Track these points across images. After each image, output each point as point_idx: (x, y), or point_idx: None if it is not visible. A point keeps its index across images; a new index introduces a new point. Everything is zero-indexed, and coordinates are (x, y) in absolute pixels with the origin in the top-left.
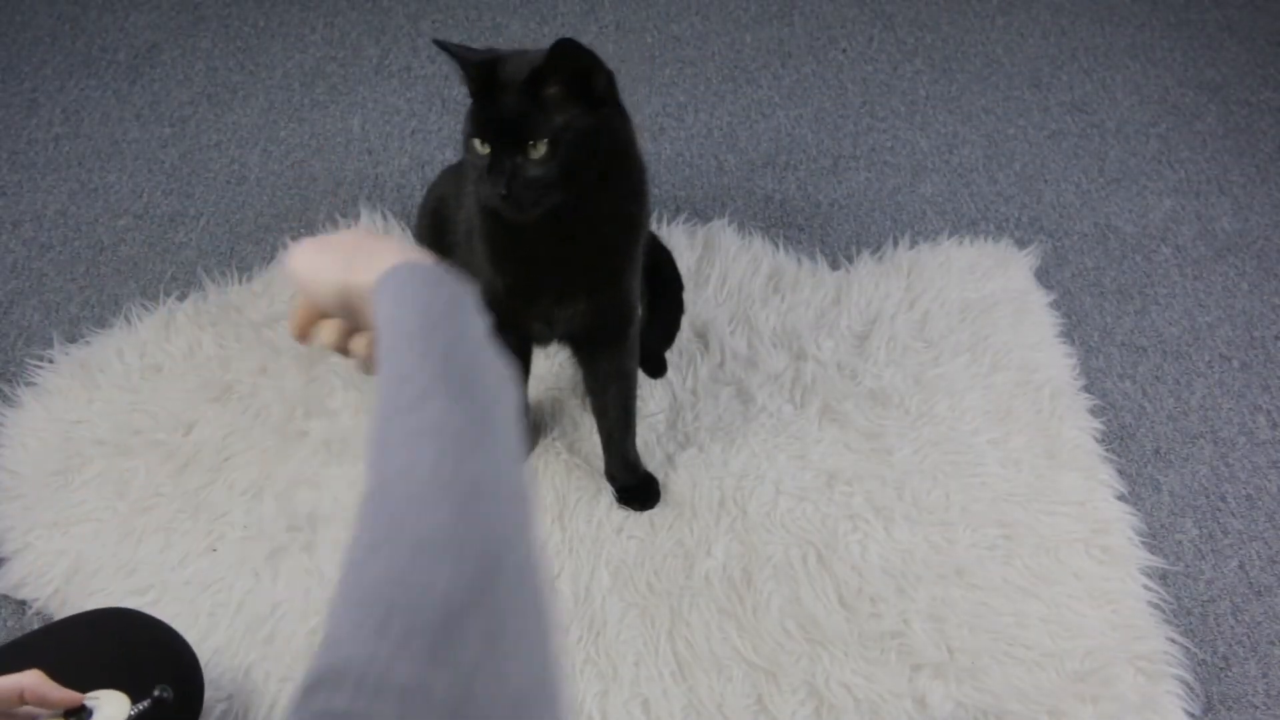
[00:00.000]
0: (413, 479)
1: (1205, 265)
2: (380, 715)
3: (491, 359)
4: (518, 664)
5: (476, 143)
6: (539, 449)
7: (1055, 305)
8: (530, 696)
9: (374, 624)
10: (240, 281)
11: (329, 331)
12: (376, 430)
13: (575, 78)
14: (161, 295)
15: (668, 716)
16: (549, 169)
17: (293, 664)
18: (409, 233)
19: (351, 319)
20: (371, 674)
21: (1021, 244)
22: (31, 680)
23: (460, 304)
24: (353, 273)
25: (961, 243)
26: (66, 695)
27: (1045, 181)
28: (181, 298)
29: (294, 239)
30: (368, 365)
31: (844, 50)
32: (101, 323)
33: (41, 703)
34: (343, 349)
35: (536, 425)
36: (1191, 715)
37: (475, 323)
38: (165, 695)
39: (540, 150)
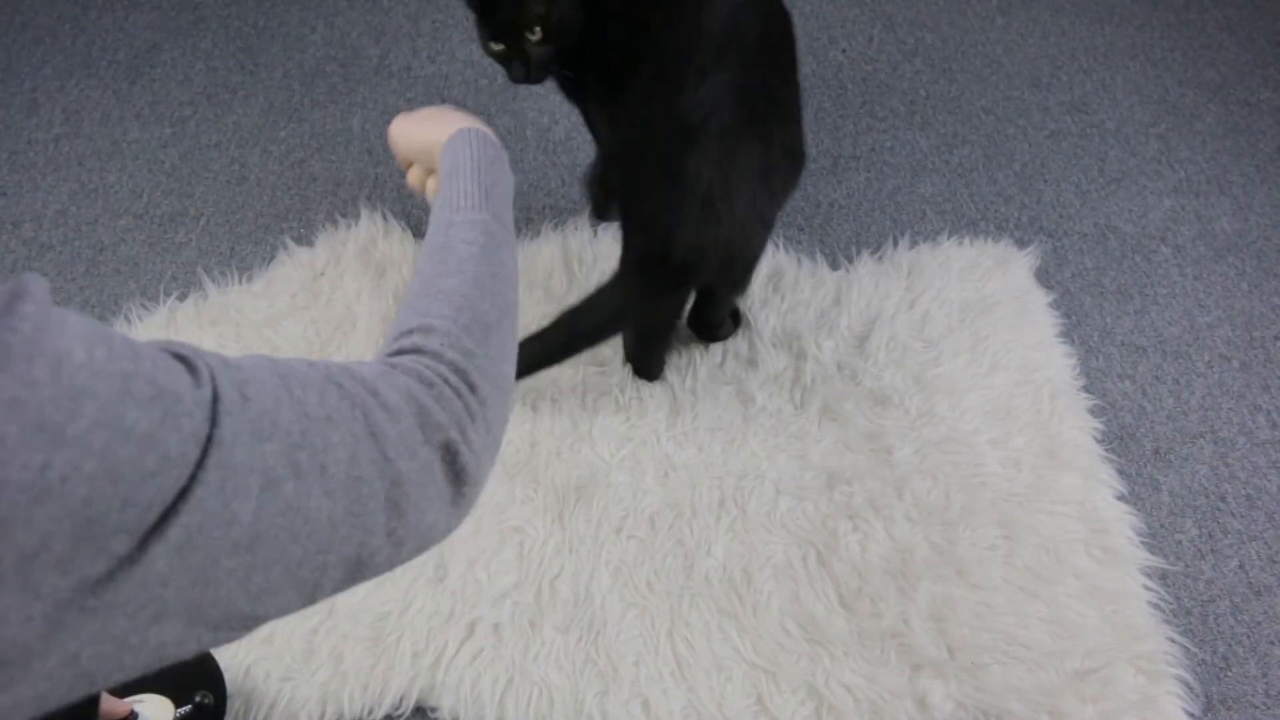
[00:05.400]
0: (470, 249)
1: (1205, 265)
2: (447, 358)
3: (509, 189)
4: (508, 361)
5: (492, 45)
6: (539, 449)
7: (1055, 305)
8: (511, 379)
9: (451, 311)
10: (240, 281)
11: (414, 174)
12: (443, 218)
13: None
14: (161, 295)
15: (668, 716)
16: (548, 48)
17: (292, 664)
18: (408, 232)
19: (427, 164)
20: (451, 334)
21: (1021, 244)
22: None
23: (498, 155)
24: (432, 133)
25: (961, 243)
26: (113, 704)
27: (1045, 181)
28: (181, 298)
29: (294, 239)
30: (432, 196)
31: (844, 50)
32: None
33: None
34: (419, 185)
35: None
36: (1191, 715)
37: (505, 166)
38: (206, 701)
39: (537, 34)
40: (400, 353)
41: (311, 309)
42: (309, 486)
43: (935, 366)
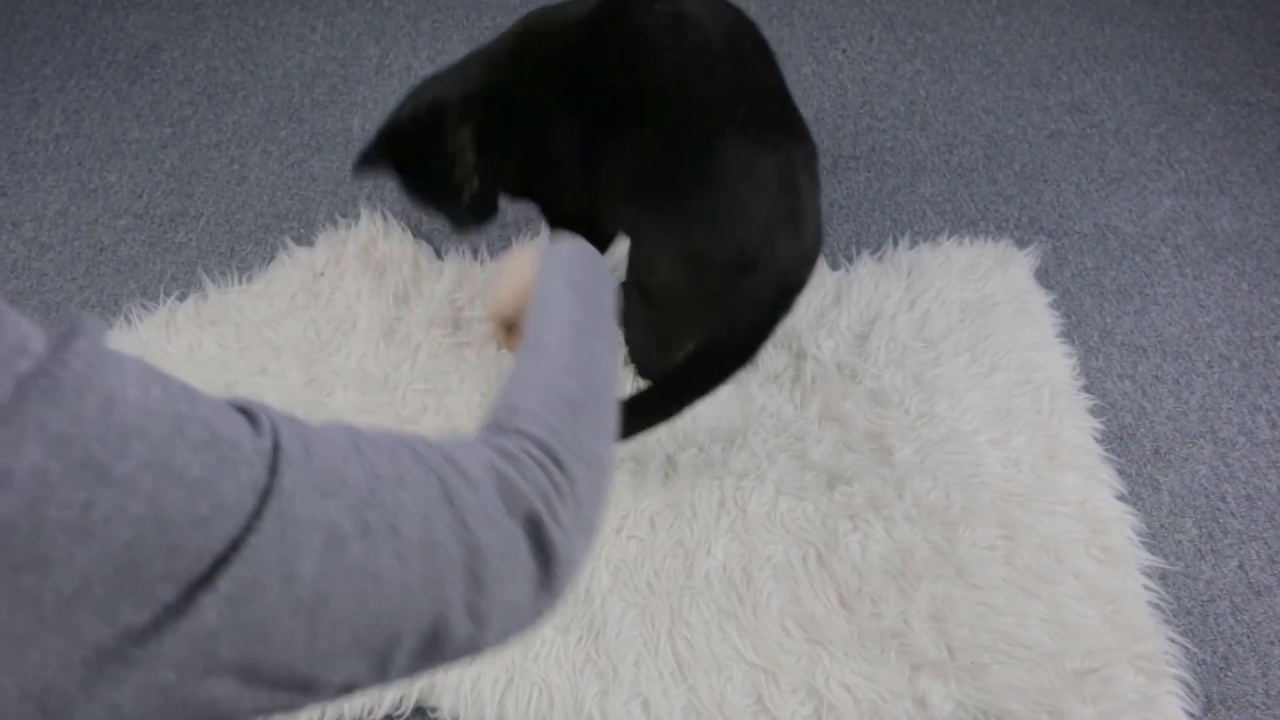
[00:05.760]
0: (557, 339)
1: (1205, 265)
2: (532, 434)
3: (605, 288)
4: (601, 441)
5: (421, 200)
6: None
7: (1055, 305)
8: (606, 460)
9: (535, 391)
10: (240, 281)
11: (517, 338)
12: (539, 317)
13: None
14: (161, 295)
15: (668, 716)
16: (487, 195)
17: None
18: (408, 232)
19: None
20: (535, 412)
21: (1021, 244)
22: None
23: (591, 259)
24: (526, 269)
25: (961, 242)
26: None
27: (1045, 181)
28: (181, 298)
29: (294, 239)
30: None
31: (844, 50)
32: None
33: None
34: None
35: None
36: (1191, 715)
37: (601, 269)
38: None
39: (474, 188)
40: (484, 432)
41: (311, 309)
42: (378, 546)
43: (935, 366)
